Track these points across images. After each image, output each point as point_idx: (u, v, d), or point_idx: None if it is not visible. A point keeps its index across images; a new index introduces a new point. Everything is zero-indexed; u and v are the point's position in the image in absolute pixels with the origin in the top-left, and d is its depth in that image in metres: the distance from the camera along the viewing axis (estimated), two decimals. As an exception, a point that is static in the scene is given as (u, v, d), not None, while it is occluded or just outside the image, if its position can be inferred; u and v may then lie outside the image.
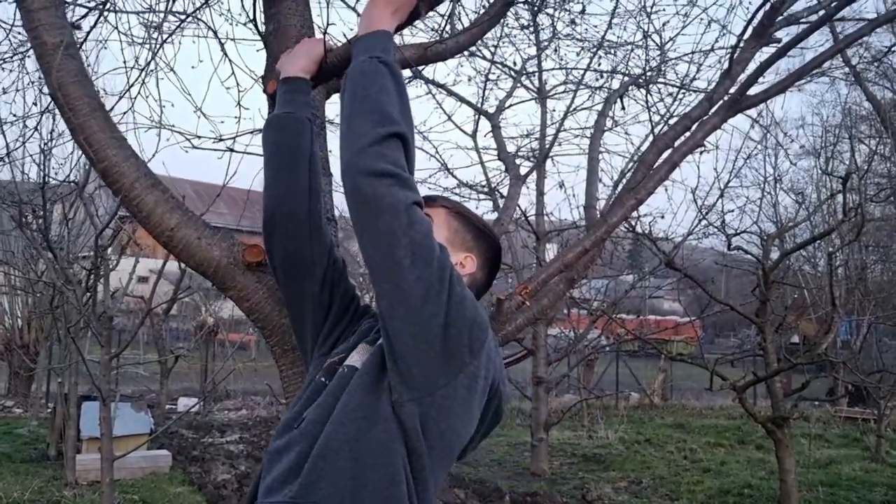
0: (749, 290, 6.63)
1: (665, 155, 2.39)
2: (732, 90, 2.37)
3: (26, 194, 6.46)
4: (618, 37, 10.15)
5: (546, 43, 7.51)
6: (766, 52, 2.67)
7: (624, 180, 6.67)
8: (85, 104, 1.73)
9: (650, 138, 6.94)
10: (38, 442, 8.99)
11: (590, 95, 8.18)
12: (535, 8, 6.71)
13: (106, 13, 3.08)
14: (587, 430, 10.99)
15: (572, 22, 7.19)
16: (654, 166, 2.35)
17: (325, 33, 1.75)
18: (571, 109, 7.65)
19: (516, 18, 7.07)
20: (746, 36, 2.43)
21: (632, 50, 6.29)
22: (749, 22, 2.41)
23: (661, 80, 5.17)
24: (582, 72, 7.52)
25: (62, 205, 7.03)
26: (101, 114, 1.77)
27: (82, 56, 2.49)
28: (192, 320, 17.53)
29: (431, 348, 1.39)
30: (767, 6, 2.46)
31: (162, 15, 3.33)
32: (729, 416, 12.72)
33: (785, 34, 2.53)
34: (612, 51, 6.89)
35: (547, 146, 7.90)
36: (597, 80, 7.56)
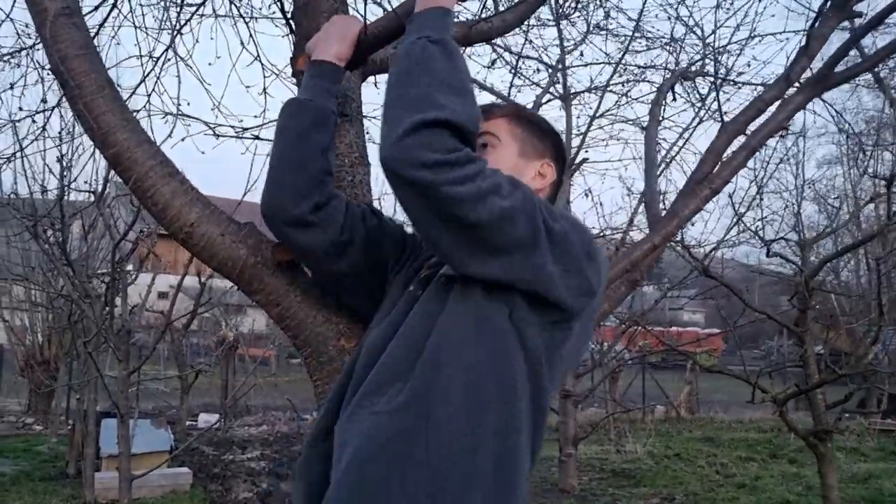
0: (773, 300, 6.41)
1: (740, 140, 2.20)
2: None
3: (44, 208, 6.35)
4: (657, 30, 9.99)
5: (572, 45, 7.33)
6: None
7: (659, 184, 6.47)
8: (92, 80, 1.53)
9: (683, 134, 6.81)
10: (58, 460, 8.86)
11: (616, 101, 8.01)
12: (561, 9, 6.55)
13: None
14: (615, 445, 10.71)
15: (597, 26, 7.02)
16: (727, 154, 2.17)
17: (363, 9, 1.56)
18: (598, 114, 7.47)
19: (539, 22, 6.91)
20: (826, 9, 2.23)
21: (675, 44, 6.08)
22: (830, -7, 2.20)
23: (707, 72, 4.95)
24: (609, 74, 7.35)
25: (81, 219, 6.93)
26: (109, 92, 1.56)
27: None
28: (212, 335, 17.45)
29: (551, 291, 1.30)
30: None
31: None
32: (759, 430, 12.40)
33: (867, 7, 2.32)
34: (651, 44, 6.72)
35: (573, 152, 7.69)
36: (626, 81, 7.37)
